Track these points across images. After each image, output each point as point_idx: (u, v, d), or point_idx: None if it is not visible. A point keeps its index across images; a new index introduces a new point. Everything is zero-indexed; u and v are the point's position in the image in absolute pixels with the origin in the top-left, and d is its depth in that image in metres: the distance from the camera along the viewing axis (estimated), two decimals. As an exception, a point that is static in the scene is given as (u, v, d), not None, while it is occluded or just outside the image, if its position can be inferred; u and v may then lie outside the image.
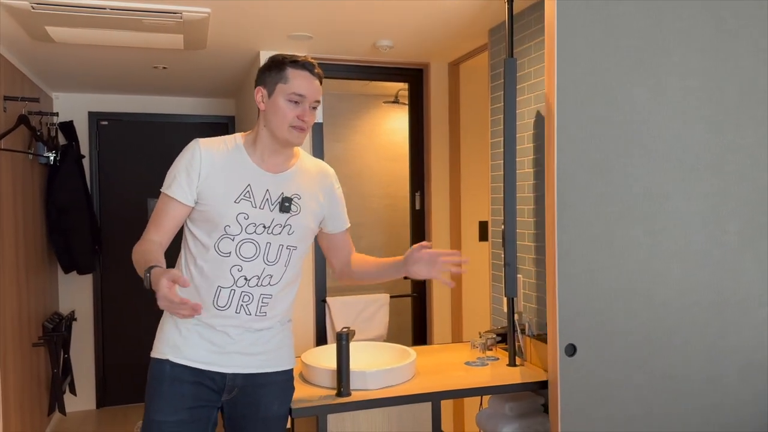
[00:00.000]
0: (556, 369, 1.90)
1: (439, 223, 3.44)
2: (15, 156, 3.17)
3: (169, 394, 1.66)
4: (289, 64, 1.69)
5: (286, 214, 1.73)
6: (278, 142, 1.72)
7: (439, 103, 3.42)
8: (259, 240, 1.69)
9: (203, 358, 1.68)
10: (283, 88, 1.68)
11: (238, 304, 1.69)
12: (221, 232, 1.67)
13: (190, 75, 3.74)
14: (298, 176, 1.79)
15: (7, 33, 2.75)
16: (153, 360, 1.71)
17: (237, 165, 1.71)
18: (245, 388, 1.73)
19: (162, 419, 1.65)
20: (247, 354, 1.72)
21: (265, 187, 1.72)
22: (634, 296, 1.97)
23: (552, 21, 1.89)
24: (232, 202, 1.67)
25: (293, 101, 1.68)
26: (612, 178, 1.94)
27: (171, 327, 1.71)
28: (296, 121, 1.68)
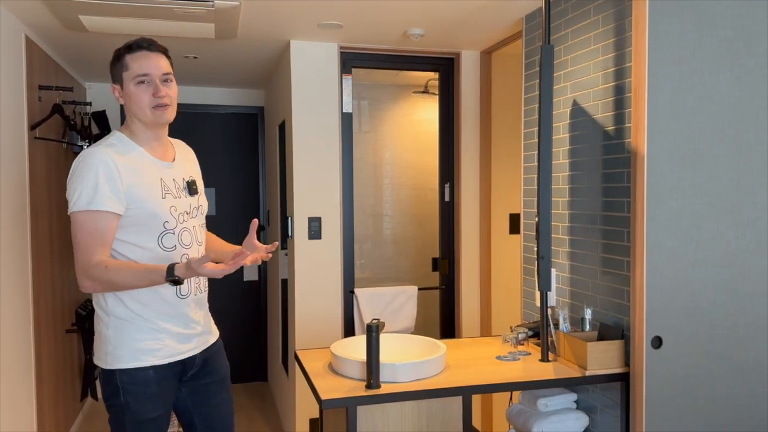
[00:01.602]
0: (641, 361, 1.91)
1: (469, 215, 3.39)
2: (49, 145, 3.21)
3: (159, 394, 1.74)
4: (124, 51, 1.74)
5: (195, 196, 1.85)
6: (150, 127, 1.75)
7: (470, 92, 3.36)
8: (188, 226, 1.81)
9: (180, 351, 1.78)
10: (128, 75, 1.72)
11: (194, 287, 1.81)
12: (161, 229, 1.72)
13: (221, 65, 3.74)
14: (183, 160, 1.88)
15: (42, 23, 2.78)
16: (131, 369, 1.70)
17: (143, 162, 1.74)
18: (205, 360, 1.88)
19: (155, 415, 1.74)
20: (203, 333, 1.86)
21: (172, 177, 1.79)
22: (720, 289, 1.98)
23: (643, 11, 1.89)
24: (160, 198, 1.73)
25: (141, 82, 1.71)
26: (701, 169, 1.95)
27: (137, 333, 1.71)
28: (154, 100, 1.71)
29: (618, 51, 2.08)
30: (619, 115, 2.08)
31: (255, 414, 4.13)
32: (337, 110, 3.19)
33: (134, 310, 1.71)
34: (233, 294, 4.75)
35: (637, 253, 1.94)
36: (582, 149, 2.29)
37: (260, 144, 4.78)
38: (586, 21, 2.26)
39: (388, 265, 3.95)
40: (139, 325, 1.72)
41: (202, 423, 1.89)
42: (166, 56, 1.79)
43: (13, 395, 2.55)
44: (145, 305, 1.72)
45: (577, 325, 2.30)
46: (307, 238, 3.17)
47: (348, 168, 3.26)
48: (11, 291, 2.57)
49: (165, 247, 1.74)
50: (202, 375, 1.87)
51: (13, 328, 2.58)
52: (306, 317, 3.17)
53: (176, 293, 1.75)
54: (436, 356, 2.06)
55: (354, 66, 3.27)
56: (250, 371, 4.81)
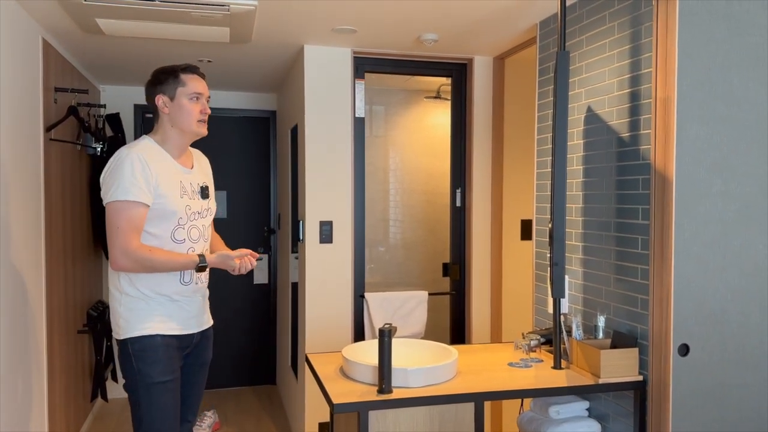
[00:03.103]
0: (668, 369, 1.91)
1: (480, 221, 3.39)
2: (64, 146, 3.24)
3: (166, 360, 2.00)
4: (181, 71, 2.04)
5: (206, 200, 2.14)
6: (187, 137, 2.06)
7: (483, 98, 3.36)
8: (198, 224, 2.09)
9: (183, 326, 2.06)
10: (183, 90, 2.02)
11: (196, 277, 2.08)
12: (175, 223, 2.01)
13: (234, 69, 3.77)
14: (199, 168, 2.16)
15: (59, 25, 2.80)
16: (141, 337, 1.98)
17: (168, 165, 2.03)
18: (197, 344, 2.15)
19: (164, 379, 1.99)
20: (201, 315, 2.15)
21: (189, 181, 2.08)
22: (748, 297, 1.97)
23: (673, 18, 1.89)
24: (179, 197, 2.02)
25: (195, 98, 2.03)
26: (731, 177, 1.95)
27: (146, 308, 2.00)
28: (201, 116, 2.04)
29: (634, 57, 2.08)
30: (635, 121, 2.07)
31: (263, 417, 4.13)
32: (349, 115, 3.20)
33: (143, 291, 2.00)
34: (243, 297, 4.76)
35: (665, 260, 1.93)
36: (596, 156, 2.28)
37: (272, 148, 4.79)
38: (601, 27, 2.25)
39: (399, 269, 3.94)
40: (147, 302, 2.00)
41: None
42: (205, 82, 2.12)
43: (25, 394, 2.57)
44: (152, 288, 2.00)
45: (590, 333, 2.29)
46: (318, 242, 3.17)
47: (360, 172, 3.26)
48: (25, 291, 2.58)
49: (176, 239, 2.02)
50: (193, 356, 2.15)
51: (26, 328, 2.60)
52: (316, 321, 3.17)
53: (180, 280, 2.04)
54: (448, 362, 2.05)
55: (367, 71, 3.28)
56: (259, 374, 4.82)
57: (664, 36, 1.93)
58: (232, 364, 4.75)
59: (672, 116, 1.91)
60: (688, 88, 1.91)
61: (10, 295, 2.39)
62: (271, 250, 4.80)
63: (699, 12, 1.91)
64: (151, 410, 1.97)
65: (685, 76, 1.91)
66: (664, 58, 1.94)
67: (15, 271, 2.46)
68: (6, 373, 2.35)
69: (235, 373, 4.77)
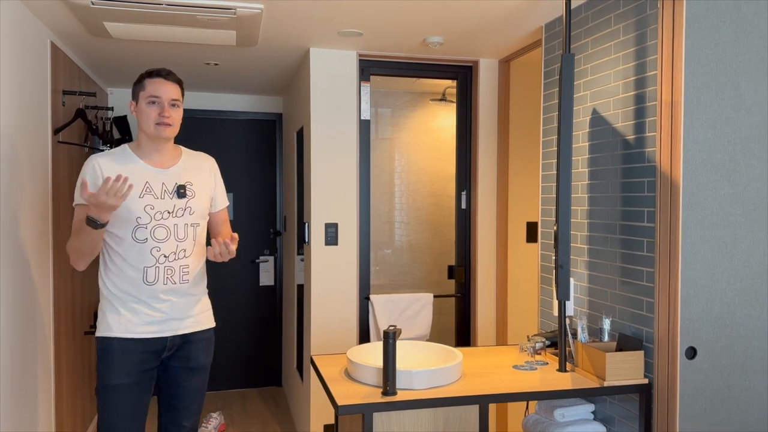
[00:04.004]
0: (675, 372, 1.90)
1: (486, 223, 3.39)
2: (72, 149, 3.26)
3: (119, 364, 2.02)
4: (146, 76, 2.08)
5: (184, 199, 2.12)
6: (152, 140, 2.09)
7: (488, 100, 3.36)
8: (167, 223, 2.08)
9: (146, 329, 2.06)
10: (143, 94, 2.07)
11: (164, 277, 2.07)
12: (134, 223, 2.04)
13: (241, 72, 3.78)
14: (186, 169, 2.16)
15: (67, 29, 2.83)
16: (101, 338, 2.05)
17: (133, 167, 2.08)
18: (182, 345, 2.13)
19: (116, 383, 2.02)
20: (180, 319, 2.11)
21: (161, 181, 2.09)
22: (756, 300, 1.97)
23: (680, 21, 1.89)
24: (137, 197, 2.04)
25: (152, 102, 2.05)
26: (737, 179, 1.95)
27: (113, 310, 2.05)
28: (159, 119, 2.05)
29: (639, 60, 2.08)
30: (640, 124, 2.07)
31: (269, 419, 4.14)
32: (355, 117, 3.21)
33: (112, 291, 2.06)
34: (249, 298, 4.77)
35: (672, 262, 1.93)
36: (601, 158, 2.28)
37: (278, 150, 4.81)
38: (606, 30, 2.25)
39: (404, 272, 3.95)
40: (115, 303, 2.06)
41: (166, 400, 2.17)
42: (180, 86, 2.13)
43: (32, 395, 2.58)
44: (120, 288, 2.05)
45: (596, 335, 2.28)
46: (324, 244, 3.18)
47: (365, 174, 3.27)
48: (33, 293, 2.60)
49: (137, 239, 2.05)
50: (175, 358, 2.14)
51: (34, 329, 2.62)
52: (321, 323, 3.18)
53: (143, 280, 2.05)
54: (453, 364, 2.05)
55: (372, 73, 3.29)
56: (264, 376, 4.83)
57: (670, 39, 1.93)
58: (238, 365, 4.76)
59: (679, 119, 1.91)
60: (695, 90, 1.91)
61: (18, 296, 2.41)
62: (277, 252, 4.81)
63: (706, 14, 1.91)
64: (104, 412, 2.03)
65: (692, 78, 1.91)
66: (670, 60, 1.94)
67: (23, 272, 2.48)
68: (14, 373, 2.36)
69: (241, 374, 4.78)
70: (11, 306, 2.34)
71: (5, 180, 2.30)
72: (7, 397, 2.29)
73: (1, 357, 2.24)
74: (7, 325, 2.29)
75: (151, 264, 2.05)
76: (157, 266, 2.06)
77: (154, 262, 2.06)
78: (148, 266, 2.05)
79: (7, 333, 2.29)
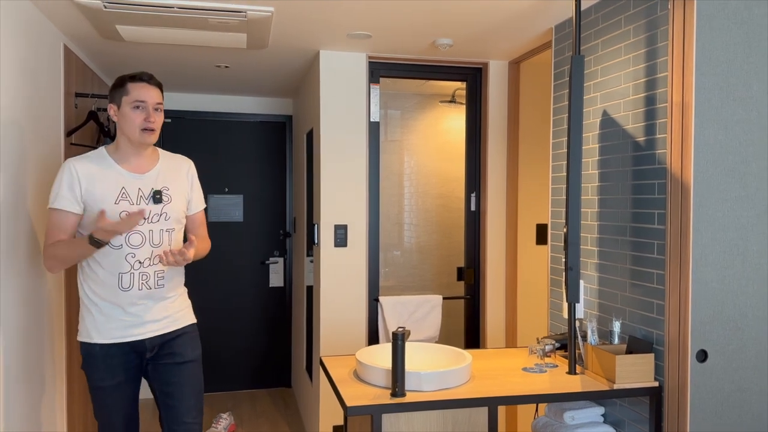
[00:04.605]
0: (686, 375, 1.90)
1: (495, 225, 3.38)
2: (84, 150, 3.29)
3: (104, 367, 2.09)
4: (128, 80, 2.06)
5: (159, 204, 2.12)
6: (134, 145, 2.09)
7: (498, 102, 3.36)
8: (142, 229, 2.09)
9: (124, 333, 2.10)
10: (126, 99, 2.05)
11: (139, 283, 2.09)
12: None
13: (251, 74, 3.80)
14: (163, 172, 2.17)
15: (80, 32, 2.86)
16: (83, 343, 2.11)
17: (109, 172, 2.08)
18: (163, 344, 2.16)
19: (104, 385, 2.10)
20: (158, 320, 2.14)
21: (137, 186, 2.10)
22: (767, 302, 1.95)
23: (691, 22, 1.89)
24: (113, 203, 2.05)
25: (137, 107, 2.04)
26: (749, 181, 1.94)
27: (90, 315, 2.09)
28: (145, 124, 2.06)
29: (650, 61, 2.07)
30: (650, 125, 2.06)
31: (278, 419, 4.15)
32: (364, 119, 3.21)
33: (90, 297, 2.10)
34: (258, 300, 4.79)
35: (683, 265, 1.92)
36: (611, 160, 2.27)
37: (288, 152, 4.83)
38: (617, 31, 2.25)
39: (413, 273, 3.95)
40: (92, 309, 2.09)
41: (164, 398, 2.19)
42: (161, 90, 2.13)
43: (44, 397, 2.61)
44: (97, 293, 2.08)
45: (606, 338, 2.27)
46: (333, 246, 3.19)
47: (374, 176, 3.28)
48: (45, 292, 2.63)
49: (113, 246, 2.06)
50: (161, 357, 2.17)
51: (46, 329, 2.64)
52: (330, 324, 3.19)
53: (119, 286, 2.07)
54: (462, 366, 2.05)
55: (382, 75, 3.29)
56: (274, 377, 4.84)
57: (681, 40, 1.92)
58: (248, 366, 4.78)
59: (690, 120, 1.90)
60: (706, 92, 1.90)
61: (30, 298, 2.44)
62: (287, 254, 4.83)
63: (717, 16, 1.90)
64: (98, 410, 2.14)
65: (703, 80, 1.90)
66: (680, 62, 1.93)
67: (35, 275, 2.50)
68: (27, 375, 2.39)
69: (251, 375, 4.80)
70: (24, 306, 2.37)
71: (19, 181, 2.33)
72: (20, 397, 2.31)
73: (14, 357, 2.26)
74: (19, 325, 2.32)
75: (126, 270, 2.07)
76: (132, 272, 2.07)
77: (129, 268, 2.07)
78: (123, 272, 2.07)
79: (19, 333, 2.32)
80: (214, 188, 4.68)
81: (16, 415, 2.27)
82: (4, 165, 2.18)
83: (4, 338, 2.16)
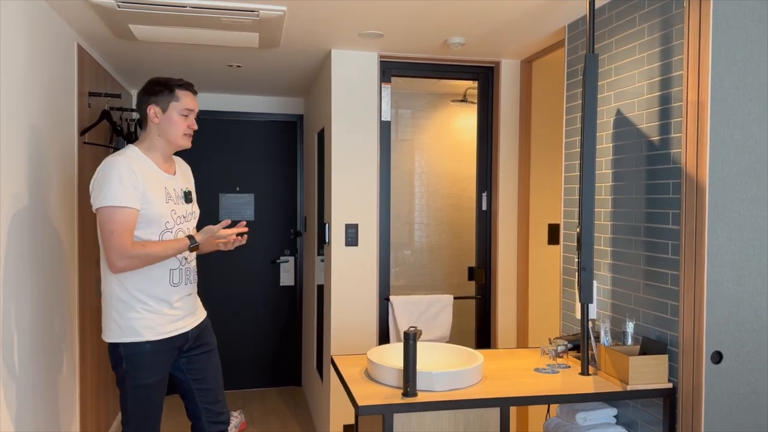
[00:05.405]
0: (700, 376, 1.88)
1: (506, 225, 3.37)
2: (97, 149, 3.32)
3: (151, 364, 2.11)
4: (177, 86, 2.14)
5: (189, 204, 2.25)
6: (172, 148, 2.18)
7: (510, 101, 3.35)
8: (183, 227, 2.20)
9: (173, 328, 2.15)
10: (176, 105, 2.13)
11: (184, 279, 2.20)
12: (162, 227, 2.11)
13: (263, 74, 3.81)
14: (181, 174, 2.28)
15: (93, 31, 2.88)
16: (128, 343, 2.08)
17: (153, 173, 2.13)
18: (197, 335, 2.27)
19: (150, 382, 2.11)
20: (193, 312, 2.26)
21: (173, 187, 2.19)
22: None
23: (707, 20, 1.87)
24: (164, 202, 2.12)
25: (184, 115, 2.15)
26: (765, 180, 1.91)
27: (136, 313, 2.09)
28: (188, 130, 2.17)
29: (664, 60, 2.05)
30: (665, 125, 2.04)
31: (289, 418, 4.16)
32: (375, 118, 3.21)
33: (135, 295, 2.09)
34: (269, 298, 4.81)
35: (698, 266, 1.90)
36: (625, 159, 2.25)
37: (299, 151, 4.84)
38: (631, 30, 2.23)
39: (424, 273, 3.94)
40: (138, 306, 2.09)
41: (200, 387, 2.27)
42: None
43: (60, 395, 2.63)
44: (144, 290, 2.09)
45: (619, 339, 2.26)
46: (344, 245, 3.19)
47: (385, 176, 3.28)
48: (59, 292, 2.65)
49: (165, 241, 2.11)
50: (196, 347, 2.26)
51: (60, 327, 2.66)
52: (341, 323, 3.19)
53: (169, 282, 2.14)
54: (474, 366, 2.04)
55: (393, 75, 3.29)
56: (284, 376, 4.86)
57: (697, 38, 1.90)
58: (258, 364, 4.80)
59: (705, 119, 1.88)
60: (722, 90, 1.88)
61: (44, 296, 2.46)
62: (297, 253, 4.84)
63: (734, 14, 1.88)
64: (138, 407, 2.13)
65: (719, 78, 1.87)
66: (696, 60, 1.91)
67: (49, 271, 2.52)
68: (40, 372, 2.41)
69: (261, 374, 4.81)
70: (38, 306, 2.39)
71: (33, 181, 2.35)
72: (34, 397, 2.33)
73: (28, 358, 2.28)
74: (33, 325, 2.34)
75: (176, 266, 2.16)
76: (180, 268, 2.18)
77: (178, 264, 2.17)
78: (173, 268, 2.15)
79: (33, 334, 2.34)
80: (225, 187, 4.69)
81: (32, 416, 2.29)
82: (22, 164, 2.20)
83: (21, 340, 2.18)
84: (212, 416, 2.31)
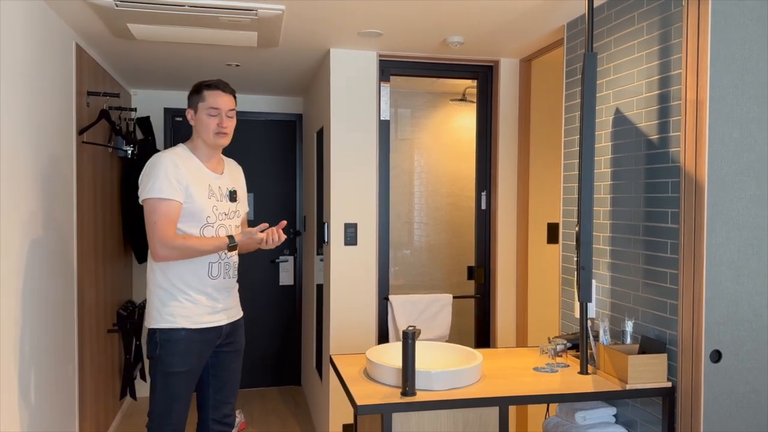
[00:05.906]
0: (699, 375, 1.88)
1: (506, 224, 3.36)
2: (96, 149, 3.31)
3: (185, 352, 2.17)
4: (204, 87, 2.23)
5: (234, 203, 2.32)
6: (210, 147, 2.26)
7: (509, 100, 3.34)
8: (225, 224, 2.27)
9: (208, 319, 2.22)
10: (203, 105, 2.22)
11: (223, 272, 2.26)
12: (203, 222, 2.20)
13: (262, 73, 3.81)
14: (229, 174, 2.36)
15: (92, 31, 2.87)
16: (164, 329, 2.16)
17: (198, 170, 2.23)
18: (230, 332, 2.32)
19: (181, 370, 2.17)
20: (230, 308, 2.31)
21: (218, 185, 2.27)
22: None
23: (705, 19, 1.87)
24: (206, 198, 2.21)
25: (212, 114, 2.20)
26: (764, 179, 1.91)
27: (176, 301, 2.17)
28: (218, 128, 2.22)
29: (663, 59, 2.05)
30: (664, 123, 2.04)
31: (288, 417, 4.16)
32: (374, 118, 3.21)
33: (175, 284, 2.18)
34: (269, 298, 4.80)
35: (697, 265, 1.90)
36: (624, 158, 2.25)
37: (298, 150, 4.83)
38: (630, 29, 2.23)
39: (423, 272, 3.94)
40: (179, 295, 2.18)
41: (216, 382, 2.32)
42: (234, 97, 2.28)
43: (57, 392, 2.63)
44: (184, 281, 2.18)
45: (618, 338, 2.25)
46: (343, 244, 3.18)
47: (384, 175, 3.27)
48: (57, 291, 2.65)
49: (205, 237, 2.20)
50: (227, 344, 2.32)
51: (58, 327, 2.66)
52: (340, 323, 3.19)
53: (208, 274, 2.22)
54: (473, 365, 2.04)
55: (392, 74, 3.29)
56: (284, 375, 4.85)
57: (696, 37, 1.90)
58: (258, 364, 4.80)
59: (704, 118, 1.87)
60: (721, 89, 1.88)
61: (43, 294, 2.46)
62: (297, 252, 4.84)
63: (733, 13, 1.88)
64: (165, 395, 2.18)
65: (718, 77, 1.87)
66: (695, 58, 1.91)
67: (48, 271, 2.52)
68: (39, 371, 2.41)
69: (261, 373, 4.81)
70: (36, 304, 2.38)
71: (31, 179, 2.34)
72: (34, 397, 2.33)
73: (27, 355, 2.28)
74: (32, 323, 2.34)
75: (215, 260, 2.24)
76: (219, 262, 2.25)
77: (218, 258, 2.24)
78: (213, 262, 2.23)
79: (32, 331, 2.33)
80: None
81: (30, 413, 2.28)
82: (21, 163, 2.20)
83: (21, 340, 2.18)
84: (218, 415, 2.35)
